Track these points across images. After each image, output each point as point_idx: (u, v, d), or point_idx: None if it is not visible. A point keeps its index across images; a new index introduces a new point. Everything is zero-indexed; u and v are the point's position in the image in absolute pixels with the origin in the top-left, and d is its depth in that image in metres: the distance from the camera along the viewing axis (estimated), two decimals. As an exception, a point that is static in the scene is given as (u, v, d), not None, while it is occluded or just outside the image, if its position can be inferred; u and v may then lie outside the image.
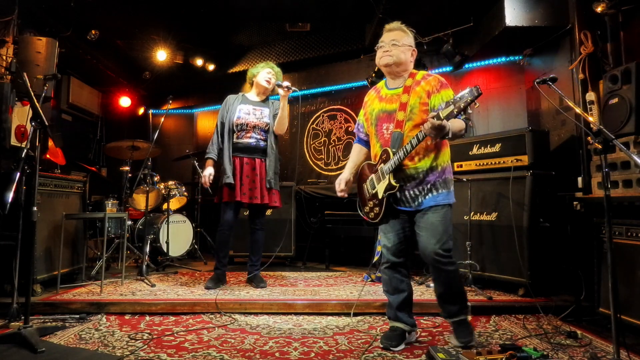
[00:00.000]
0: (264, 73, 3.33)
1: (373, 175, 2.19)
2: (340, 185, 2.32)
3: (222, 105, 3.39)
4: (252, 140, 3.27)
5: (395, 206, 2.12)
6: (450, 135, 1.93)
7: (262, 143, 3.30)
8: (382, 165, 2.12)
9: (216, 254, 3.34)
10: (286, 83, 3.21)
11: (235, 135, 3.26)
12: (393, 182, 2.07)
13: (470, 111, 2.10)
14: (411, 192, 2.09)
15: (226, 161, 3.21)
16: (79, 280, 3.41)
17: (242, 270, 3.85)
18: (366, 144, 2.38)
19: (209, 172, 3.28)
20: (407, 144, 2.01)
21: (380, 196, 2.14)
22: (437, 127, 1.83)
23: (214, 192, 3.40)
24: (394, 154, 2.06)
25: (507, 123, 4.09)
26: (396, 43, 2.14)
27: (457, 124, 1.97)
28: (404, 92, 2.11)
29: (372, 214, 2.20)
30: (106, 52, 5.26)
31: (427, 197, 2.07)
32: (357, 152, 2.43)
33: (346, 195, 2.31)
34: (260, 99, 3.41)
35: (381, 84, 2.29)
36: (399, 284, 2.18)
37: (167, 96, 3.97)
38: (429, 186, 2.07)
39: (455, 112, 1.79)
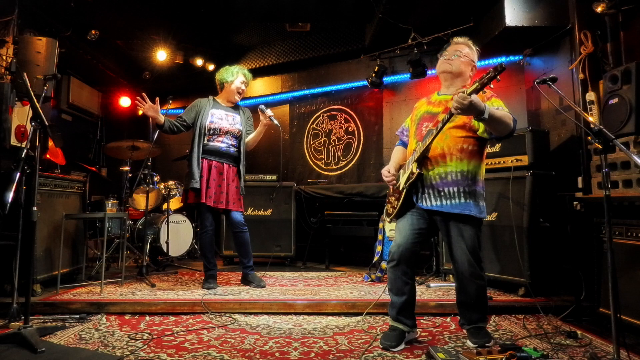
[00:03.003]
0: (238, 83, 3.33)
1: (401, 171, 2.25)
2: (385, 171, 2.31)
3: (192, 105, 3.34)
4: (222, 145, 3.26)
5: (418, 203, 2.14)
6: (486, 116, 1.85)
7: (232, 149, 3.30)
8: (410, 157, 2.17)
9: (204, 256, 3.30)
10: (270, 112, 3.23)
11: (206, 138, 3.23)
12: (414, 169, 2.09)
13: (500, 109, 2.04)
14: (437, 190, 2.08)
15: (194, 165, 3.15)
16: (79, 280, 3.41)
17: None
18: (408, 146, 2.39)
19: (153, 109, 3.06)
20: (435, 127, 2.03)
21: (401, 187, 2.18)
22: (462, 101, 1.81)
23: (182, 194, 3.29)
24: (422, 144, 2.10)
25: (507, 123, 4.09)
26: (459, 54, 2.18)
27: (499, 111, 1.94)
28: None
29: (392, 209, 2.23)
30: (106, 52, 5.26)
31: (453, 201, 2.05)
32: (398, 151, 2.43)
33: (394, 182, 2.28)
34: (230, 105, 3.41)
35: (435, 93, 2.31)
36: (403, 286, 2.16)
37: (167, 96, 3.97)
38: (456, 189, 2.05)
39: (478, 87, 1.82)
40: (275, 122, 3.24)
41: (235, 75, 3.33)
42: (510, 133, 2.02)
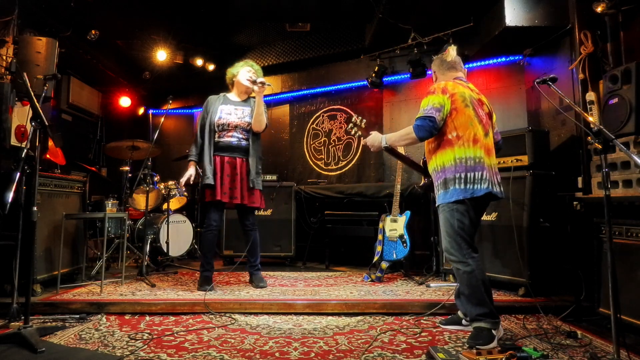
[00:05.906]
0: (244, 72, 3.30)
1: None
2: None
3: (203, 107, 3.34)
4: (233, 140, 3.22)
5: None
6: (386, 144, 2.32)
7: (243, 142, 3.26)
8: None
9: (203, 256, 3.25)
10: (260, 79, 3.17)
11: (216, 135, 3.22)
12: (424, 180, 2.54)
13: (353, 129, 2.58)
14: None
15: (206, 162, 3.17)
16: (79, 280, 3.41)
17: (242, 270, 3.85)
18: None
19: (189, 173, 3.27)
20: None
21: None
22: (366, 144, 2.40)
23: (199, 192, 3.34)
24: None
25: (507, 123, 4.09)
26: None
27: (395, 134, 2.31)
28: None
29: None
30: (106, 52, 5.26)
31: (436, 196, 2.30)
32: None
33: None
34: (242, 98, 3.36)
35: None
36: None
37: (167, 96, 3.97)
38: (436, 184, 2.29)
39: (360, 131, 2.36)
40: (268, 84, 3.14)
41: (242, 67, 3.33)
42: (421, 139, 2.23)
